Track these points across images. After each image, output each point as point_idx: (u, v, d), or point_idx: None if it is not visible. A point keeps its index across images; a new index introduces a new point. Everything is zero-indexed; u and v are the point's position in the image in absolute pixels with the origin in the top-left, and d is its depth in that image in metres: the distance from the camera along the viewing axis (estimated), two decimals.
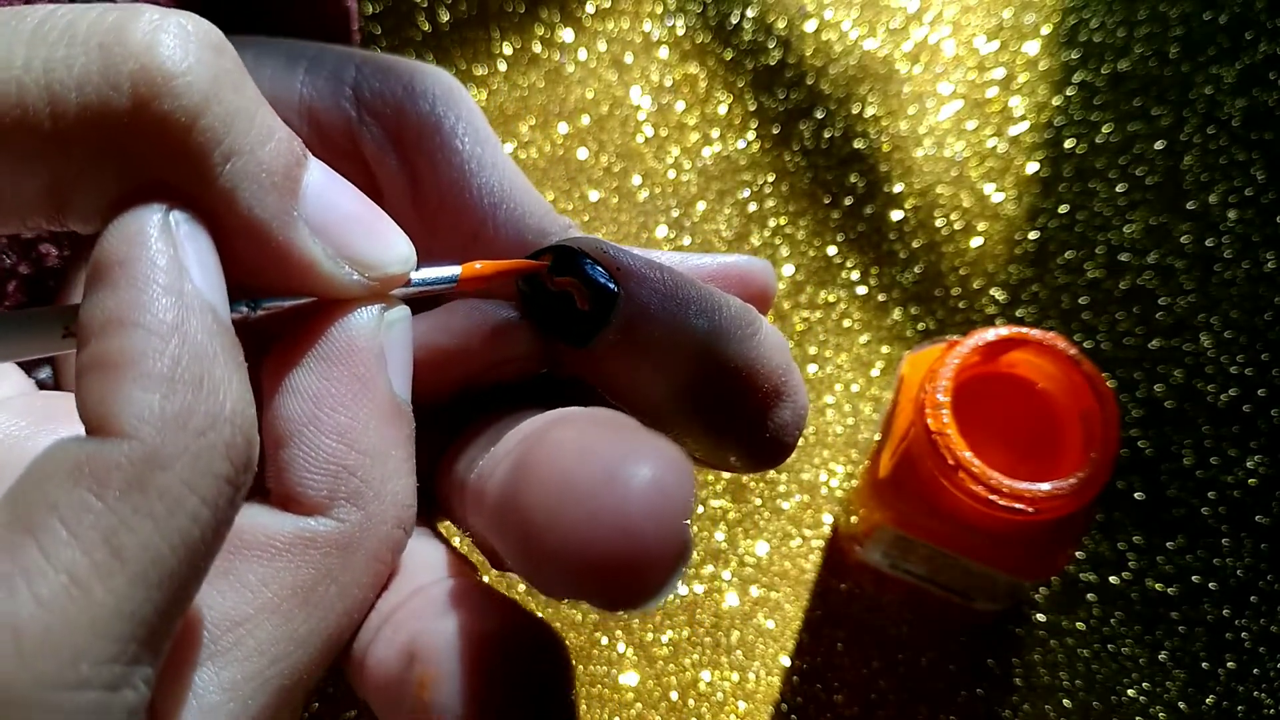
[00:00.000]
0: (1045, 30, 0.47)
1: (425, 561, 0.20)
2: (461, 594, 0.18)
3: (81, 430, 0.15)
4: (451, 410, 0.22)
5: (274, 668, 0.17)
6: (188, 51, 0.16)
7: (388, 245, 0.19)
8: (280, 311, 0.19)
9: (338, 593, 0.18)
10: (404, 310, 0.20)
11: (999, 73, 0.46)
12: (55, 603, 0.14)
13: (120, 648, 0.14)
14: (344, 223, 0.18)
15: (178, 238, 0.16)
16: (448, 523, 0.24)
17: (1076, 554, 0.38)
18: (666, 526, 0.15)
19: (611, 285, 0.20)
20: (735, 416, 0.21)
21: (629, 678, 0.37)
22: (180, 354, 0.15)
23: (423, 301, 0.20)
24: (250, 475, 0.16)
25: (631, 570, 0.15)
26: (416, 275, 0.19)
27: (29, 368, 0.24)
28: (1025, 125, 0.45)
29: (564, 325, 0.20)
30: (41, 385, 0.24)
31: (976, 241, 0.43)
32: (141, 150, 0.16)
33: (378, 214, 0.19)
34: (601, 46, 0.46)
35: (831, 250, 0.43)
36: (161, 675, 0.15)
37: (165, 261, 0.16)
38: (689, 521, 0.15)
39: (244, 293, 0.18)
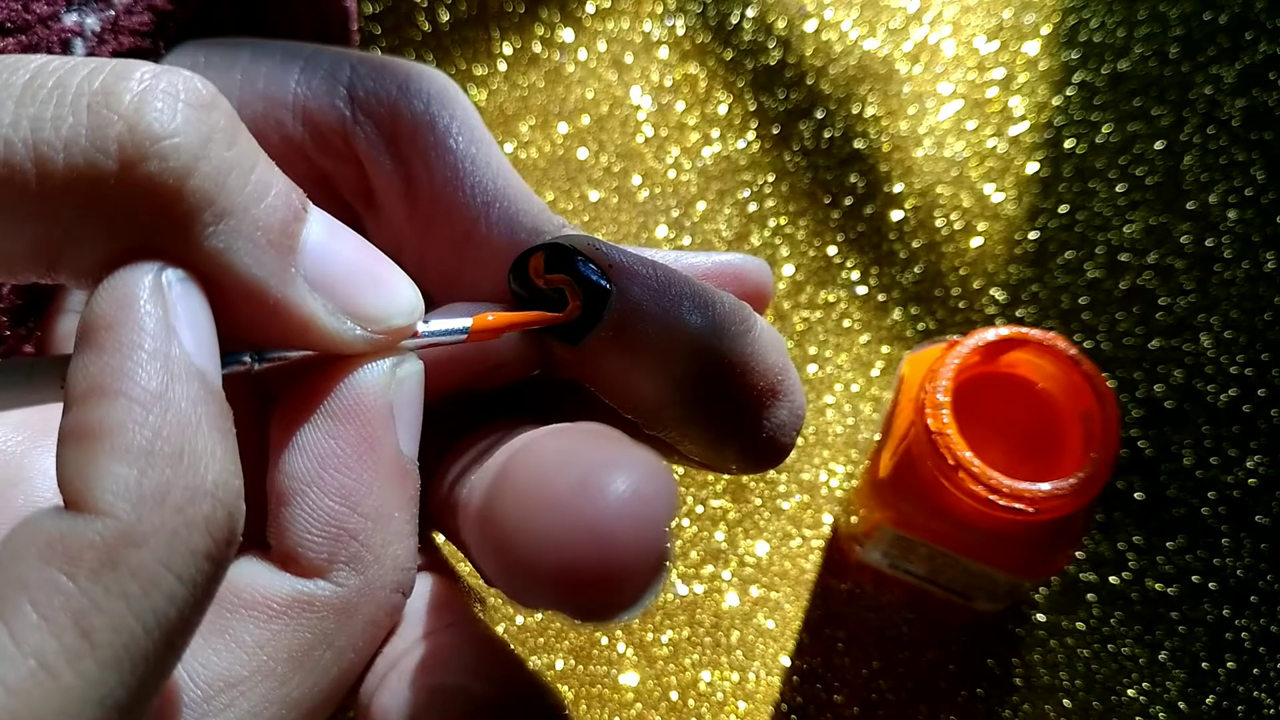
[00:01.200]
0: (1045, 30, 0.47)
1: (429, 605, 0.20)
2: (461, 652, 0.18)
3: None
4: (447, 423, 0.22)
5: None
6: (176, 112, 0.16)
7: (392, 296, 0.18)
8: (287, 363, 0.18)
9: (333, 657, 0.18)
10: (416, 365, 0.19)
11: (999, 73, 0.46)
12: (22, 689, 0.13)
13: None
14: (346, 276, 0.18)
15: (169, 299, 0.16)
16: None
17: (1076, 554, 0.38)
18: (643, 536, 0.14)
19: (604, 282, 0.19)
20: (731, 415, 0.20)
21: (629, 678, 0.37)
22: (162, 425, 0.15)
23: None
24: (233, 549, 0.15)
25: (606, 580, 0.14)
26: (425, 327, 0.19)
27: None
28: (1025, 125, 0.45)
29: (557, 325, 0.20)
30: None
31: (976, 241, 0.43)
32: (130, 212, 0.16)
33: (383, 263, 0.19)
34: (601, 46, 0.46)
35: (831, 250, 0.43)
36: None
37: (153, 324, 0.15)
38: (668, 532, 0.15)
39: (247, 345, 0.18)
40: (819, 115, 0.45)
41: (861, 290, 0.43)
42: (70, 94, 0.16)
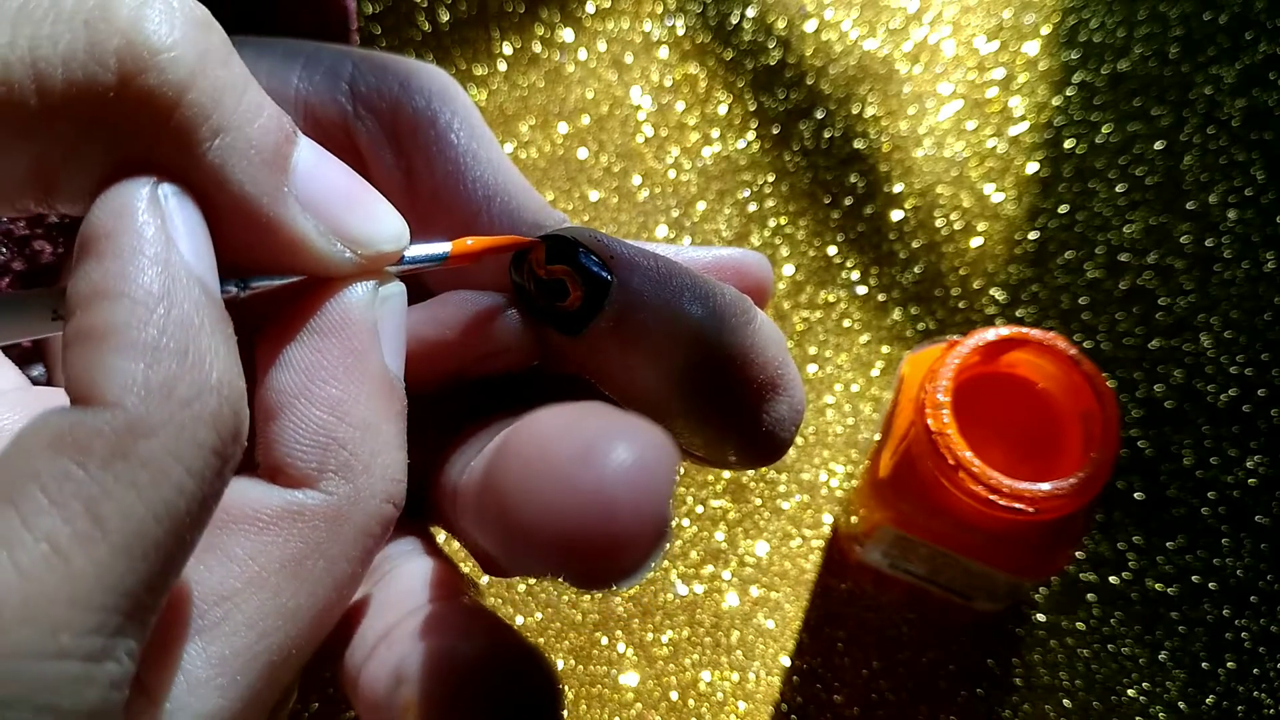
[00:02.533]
0: (1045, 30, 0.47)
1: (421, 582, 0.20)
2: (451, 618, 0.18)
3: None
4: (446, 414, 0.22)
5: (262, 643, 0.17)
6: (174, 27, 0.16)
7: (380, 222, 0.19)
8: (270, 290, 0.18)
9: (326, 567, 0.18)
10: (399, 286, 0.19)
11: (999, 73, 0.46)
12: (35, 572, 0.13)
13: (102, 619, 0.14)
14: (335, 199, 0.18)
15: (166, 210, 0.16)
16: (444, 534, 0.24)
17: (1076, 554, 0.38)
18: (645, 504, 0.15)
19: (605, 273, 0.19)
20: (730, 408, 0.20)
21: (629, 678, 0.37)
22: (166, 323, 0.15)
23: (414, 293, 0.20)
24: (239, 448, 0.16)
25: (608, 546, 0.15)
26: (408, 252, 0.19)
27: (23, 365, 0.24)
28: (1025, 125, 0.45)
29: (557, 314, 0.20)
30: (35, 383, 0.24)
31: (976, 241, 0.43)
32: (128, 126, 0.16)
33: (369, 191, 0.19)
34: (601, 46, 0.46)
35: (831, 250, 0.43)
36: (148, 649, 0.15)
37: (152, 233, 0.16)
38: (669, 501, 0.15)
39: (234, 273, 0.18)
40: (819, 115, 0.45)
41: (861, 290, 0.43)
42: (66, 11, 0.16)
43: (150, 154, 0.16)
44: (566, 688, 0.37)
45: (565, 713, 0.37)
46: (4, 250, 0.24)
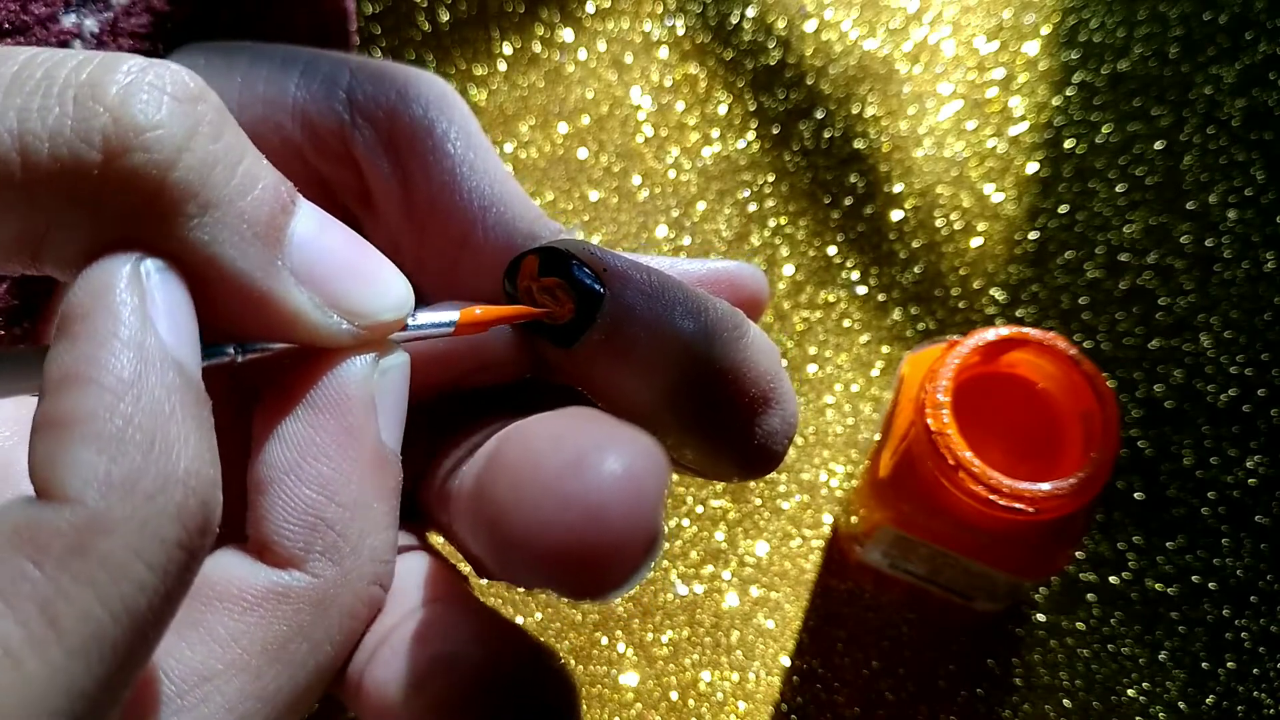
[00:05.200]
0: (1045, 30, 0.47)
1: (420, 580, 0.20)
2: (456, 618, 0.18)
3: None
4: (438, 419, 0.22)
5: None
6: (160, 105, 0.16)
7: (382, 291, 0.18)
8: (270, 355, 0.18)
9: (309, 650, 0.18)
10: (401, 357, 0.19)
11: (999, 73, 0.46)
12: None
13: None
14: (334, 270, 0.18)
15: (147, 288, 0.16)
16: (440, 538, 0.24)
17: (1076, 554, 0.38)
18: (636, 514, 0.14)
19: (598, 286, 0.19)
20: (722, 421, 0.20)
21: (629, 678, 0.37)
22: (134, 412, 0.14)
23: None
24: (208, 539, 0.15)
25: (599, 558, 0.14)
26: (412, 321, 0.19)
27: None
28: (1025, 125, 0.45)
29: (549, 327, 0.20)
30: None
31: (976, 241, 0.43)
32: (113, 203, 0.16)
33: (373, 257, 0.18)
34: (601, 46, 0.46)
35: (831, 250, 0.43)
36: None
37: (129, 313, 0.15)
38: (660, 511, 0.15)
39: (231, 340, 0.18)
40: (819, 115, 0.45)
41: (861, 290, 0.43)
42: (57, 85, 0.16)
43: (136, 230, 0.16)
44: None
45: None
46: None
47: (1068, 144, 0.45)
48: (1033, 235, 0.43)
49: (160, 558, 0.14)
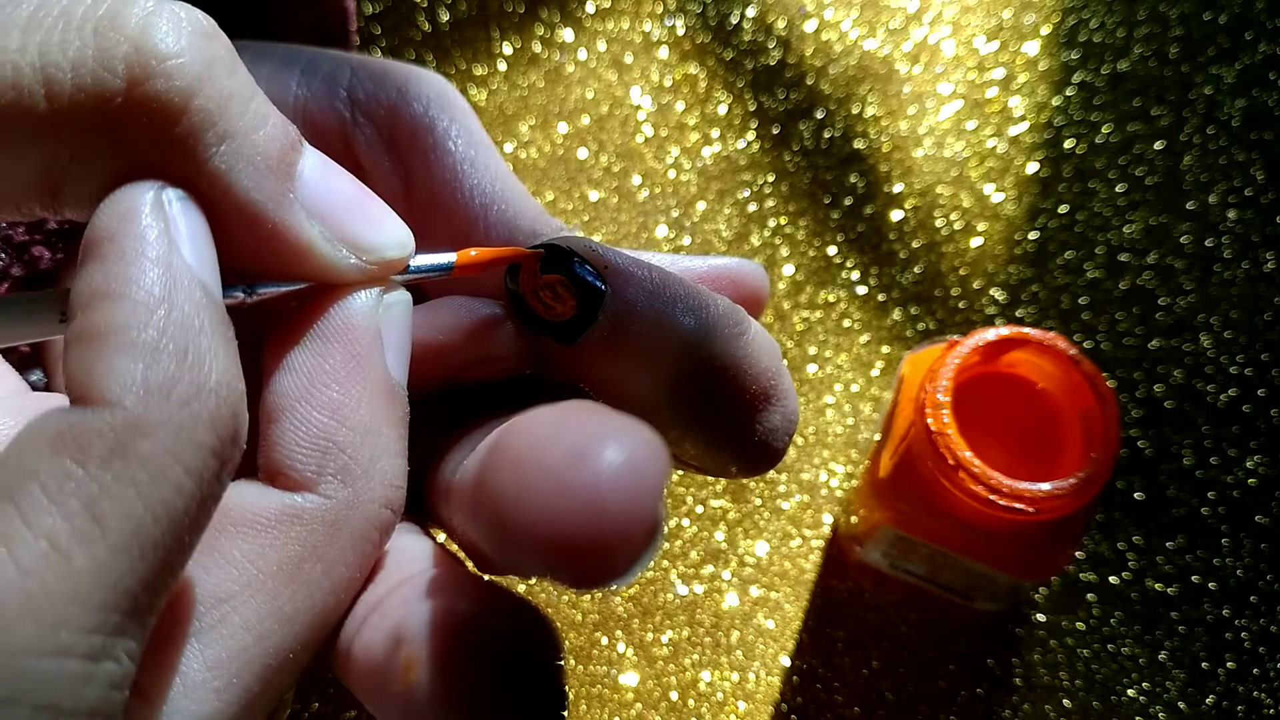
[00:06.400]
0: (1045, 30, 0.47)
1: (413, 555, 0.20)
2: (446, 579, 0.18)
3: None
4: (440, 416, 0.22)
5: (259, 646, 0.17)
6: (180, 35, 0.16)
7: (386, 230, 0.19)
8: (277, 296, 0.19)
9: (324, 571, 0.18)
10: (404, 294, 0.20)
11: (999, 73, 0.46)
12: (35, 569, 0.13)
13: (102, 617, 0.14)
14: (341, 207, 0.18)
15: (170, 213, 0.16)
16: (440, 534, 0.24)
17: (1076, 554, 0.38)
18: (636, 504, 0.15)
19: (599, 283, 0.20)
20: (723, 418, 0.20)
21: (629, 678, 0.37)
22: (166, 324, 0.15)
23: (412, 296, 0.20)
24: (238, 450, 0.16)
25: (599, 546, 0.15)
26: (413, 262, 0.20)
27: (22, 370, 0.24)
28: (1025, 125, 0.45)
29: (551, 323, 0.20)
30: (34, 388, 0.24)
31: (976, 241, 0.43)
32: (135, 133, 0.16)
33: (375, 200, 0.19)
34: (601, 46, 0.46)
35: (831, 250, 0.43)
36: (146, 651, 0.15)
37: (155, 235, 0.16)
38: (660, 501, 0.15)
39: (241, 278, 0.18)
40: (819, 115, 0.45)
41: (861, 290, 0.43)
42: (76, 19, 0.16)
43: (156, 160, 0.16)
44: (566, 687, 0.37)
45: (566, 688, 0.37)
46: (3, 255, 0.25)
47: (1068, 144, 0.45)
48: (1033, 235, 0.43)
49: (196, 462, 0.15)
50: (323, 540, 0.18)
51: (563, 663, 0.18)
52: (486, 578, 0.19)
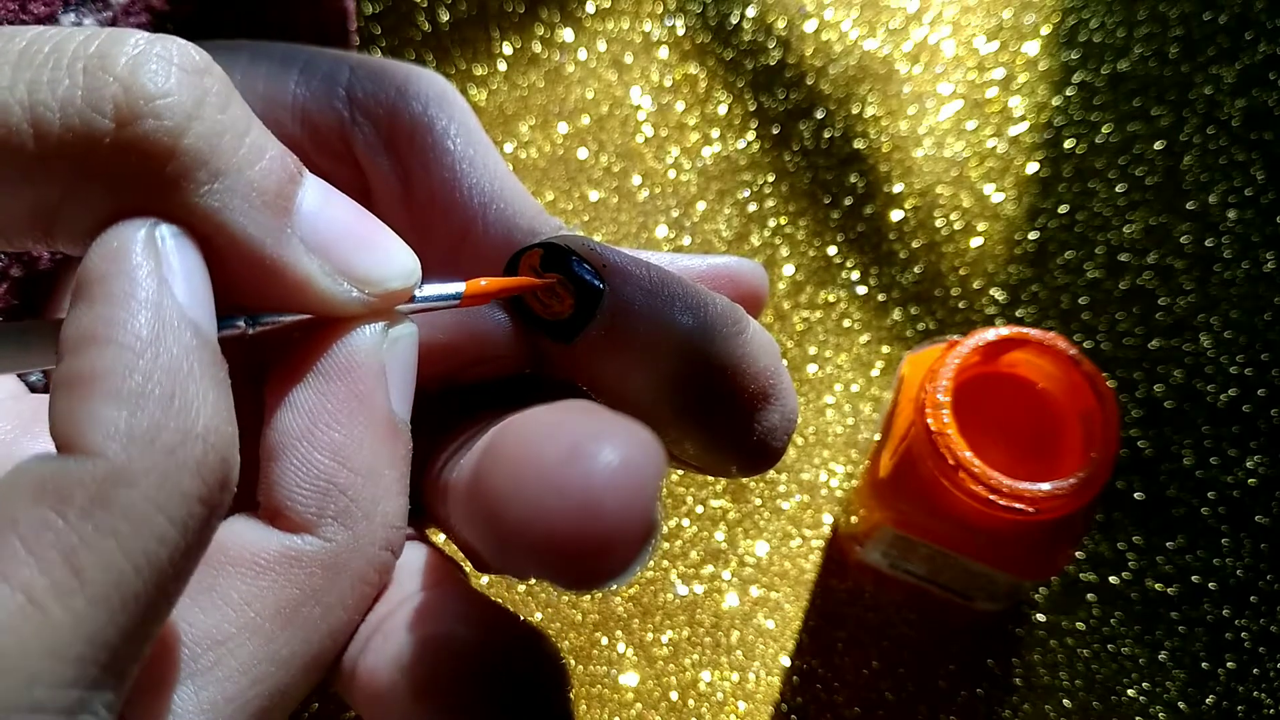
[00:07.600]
0: (1045, 30, 0.47)
1: (415, 569, 0.20)
2: (449, 602, 0.18)
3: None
4: (439, 415, 0.22)
5: (255, 689, 0.17)
6: (170, 74, 0.16)
7: (389, 260, 0.19)
8: (280, 327, 0.18)
9: (322, 614, 0.18)
10: (410, 328, 0.19)
11: (999, 73, 0.46)
12: (10, 623, 0.13)
13: (79, 671, 0.14)
14: (343, 238, 0.18)
15: (162, 251, 0.16)
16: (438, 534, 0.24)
17: (1076, 554, 0.38)
18: (632, 505, 0.14)
19: (598, 281, 0.20)
20: (721, 417, 0.20)
21: (629, 678, 0.37)
22: (152, 369, 0.15)
23: None
24: (228, 494, 0.16)
25: (595, 547, 0.14)
26: (419, 292, 0.19)
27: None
28: (1025, 125, 0.45)
29: (549, 322, 0.20)
30: (32, 388, 0.24)
31: (976, 241, 0.43)
32: (125, 171, 0.16)
33: (379, 228, 0.19)
34: (601, 46, 0.46)
35: (831, 250, 0.43)
36: (138, 693, 0.15)
37: (145, 275, 0.15)
38: (656, 501, 0.15)
39: (243, 310, 0.18)
40: (819, 115, 0.45)
41: (861, 290, 0.43)
42: (66, 58, 0.16)
43: (149, 198, 0.16)
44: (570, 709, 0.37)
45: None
46: (2, 256, 0.24)
47: (1068, 144, 0.45)
48: (1033, 235, 0.43)
49: (181, 511, 0.15)
50: (321, 584, 0.18)
51: (569, 690, 0.18)
52: (487, 579, 0.19)
